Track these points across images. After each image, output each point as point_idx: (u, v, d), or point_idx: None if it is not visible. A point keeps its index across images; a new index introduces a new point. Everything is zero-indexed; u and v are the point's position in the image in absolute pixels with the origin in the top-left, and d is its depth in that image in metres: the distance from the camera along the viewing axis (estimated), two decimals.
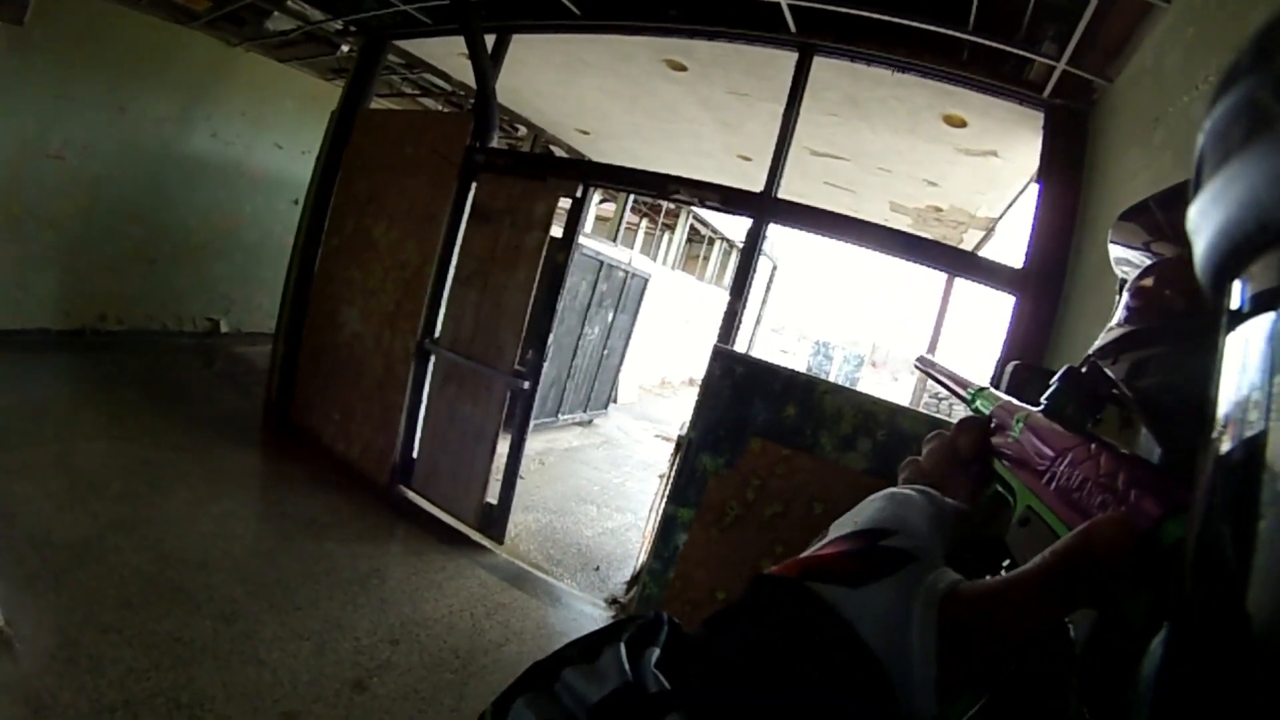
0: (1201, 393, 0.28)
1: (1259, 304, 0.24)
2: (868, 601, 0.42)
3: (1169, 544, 0.38)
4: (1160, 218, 0.67)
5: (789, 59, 4.67)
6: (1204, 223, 0.26)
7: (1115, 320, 0.65)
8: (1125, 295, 0.66)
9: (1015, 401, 0.69)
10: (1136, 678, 0.30)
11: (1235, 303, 0.25)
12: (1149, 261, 0.65)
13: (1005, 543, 0.57)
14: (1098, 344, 0.65)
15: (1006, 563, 0.55)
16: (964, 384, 0.85)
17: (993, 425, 0.68)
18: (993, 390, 0.77)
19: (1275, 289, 0.23)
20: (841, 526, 0.53)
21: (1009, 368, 2.54)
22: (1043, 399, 0.63)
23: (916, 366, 1.04)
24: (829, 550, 0.48)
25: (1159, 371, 0.59)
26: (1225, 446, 0.24)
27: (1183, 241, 0.57)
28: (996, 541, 0.58)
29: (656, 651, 0.41)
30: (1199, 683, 0.24)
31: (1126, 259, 0.70)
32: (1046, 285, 4.03)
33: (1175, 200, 0.62)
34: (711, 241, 19.78)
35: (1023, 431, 0.62)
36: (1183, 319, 0.57)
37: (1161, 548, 0.38)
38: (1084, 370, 0.62)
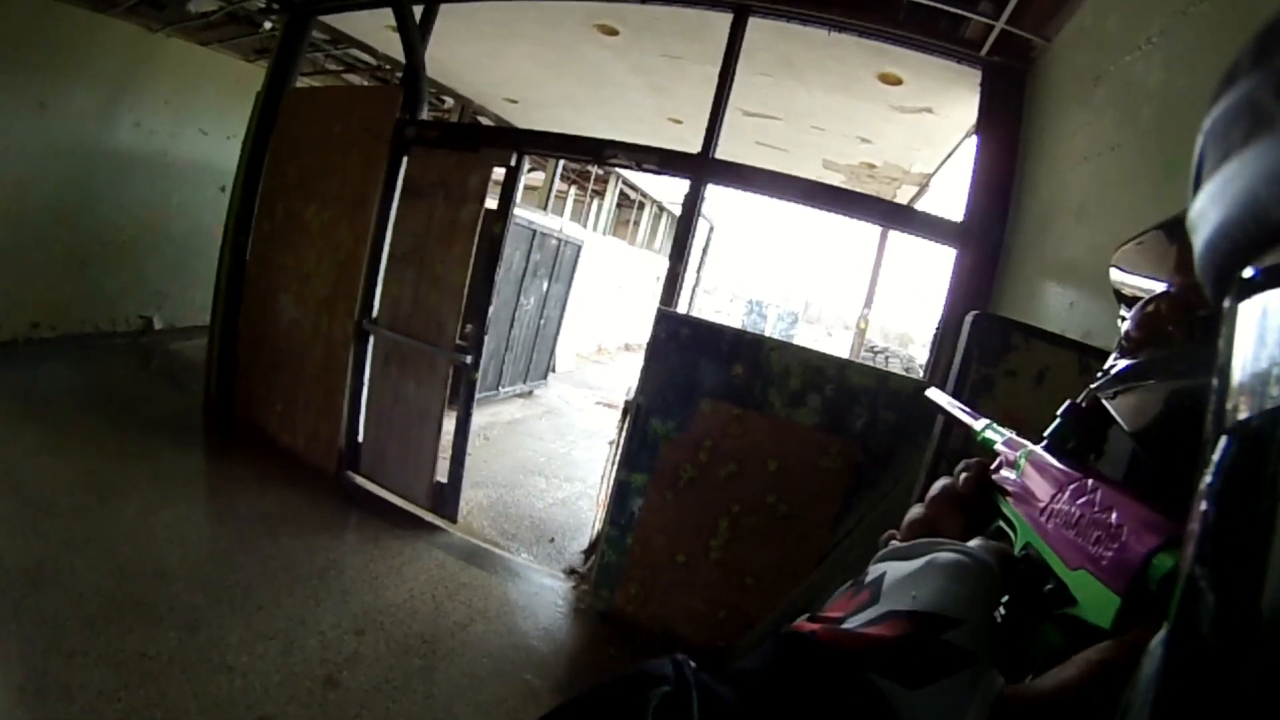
0: (1194, 423, 0.29)
1: (1270, 279, 0.24)
2: (924, 705, 0.41)
3: (1157, 579, 0.40)
4: (1167, 246, 0.66)
5: (723, 20, 4.65)
6: (1203, 221, 0.27)
7: (1115, 353, 0.66)
8: (1127, 324, 0.66)
9: (1017, 438, 0.70)
10: (1135, 678, 0.30)
11: (1249, 273, 0.25)
12: (1153, 290, 0.65)
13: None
14: (1099, 379, 0.66)
15: (1006, 598, 0.54)
16: (972, 418, 0.85)
17: (997, 462, 0.69)
18: (998, 426, 0.77)
19: None
20: (897, 595, 0.51)
21: (968, 318, 2.58)
22: (1045, 434, 0.65)
23: (926, 400, 1.03)
24: (885, 631, 0.47)
25: (1156, 404, 0.59)
26: (1242, 416, 0.24)
27: (1188, 273, 0.58)
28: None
29: None
30: (1201, 678, 0.24)
31: (1130, 285, 0.70)
32: (987, 237, 4.13)
33: (1177, 231, 0.62)
34: (641, 206, 19.69)
35: (1025, 467, 0.63)
36: (1182, 350, 0.57)
37: (1149, 585, 0.40)
38: (1084, 405, 0.64)
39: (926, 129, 6.09)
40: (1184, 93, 2.30)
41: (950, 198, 7.08)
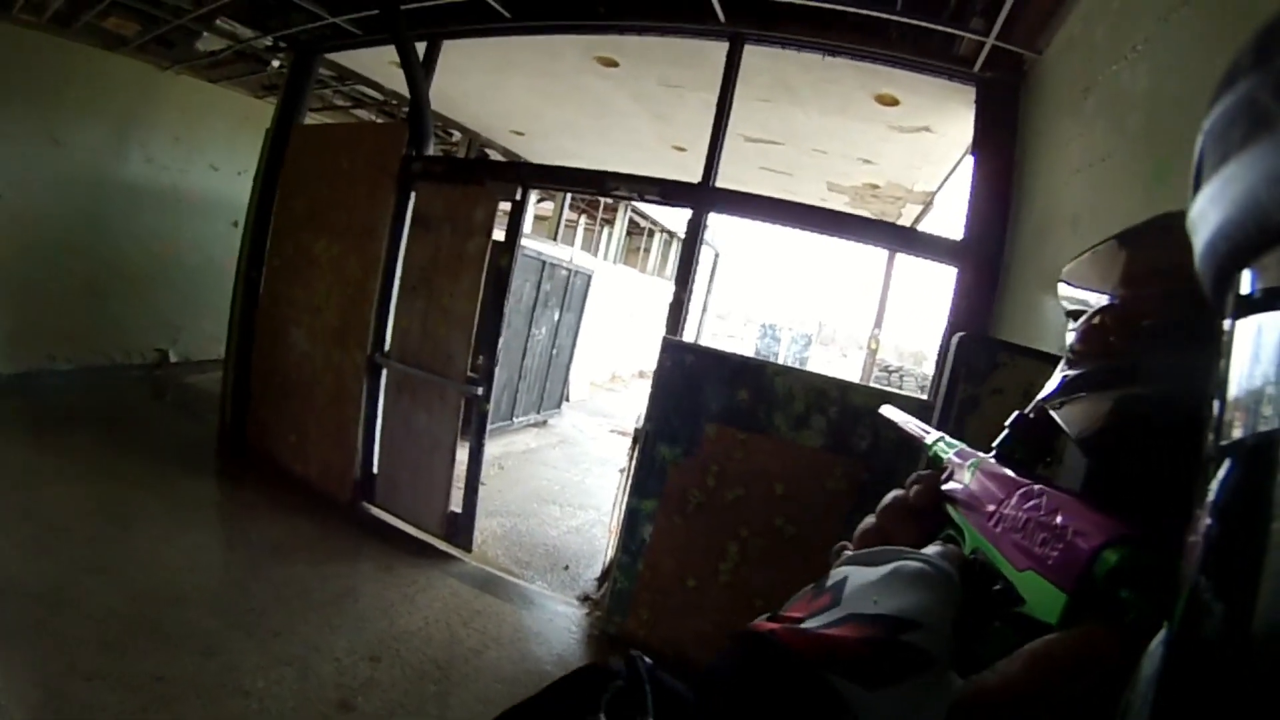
0: (1142, 431, 0.29)
1: (1269, 299, 0.24)
2: (884, 708, 0.41)
3: (1103, 574, 0.41)
4: (1115, 257, 0.67)
5: (720, 49, 4.71)
6: (1203, 222, 0.26)
7: (1062, 364, 0.67)
8: (1071, 338, 0.67)
9: (969, 449, 0.72)
10: (1134, 678, 0.30)
11: (1245, 289, 0.25)
12: (1099, 304, 0.66)
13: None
14: (1046, 389, 0.66)
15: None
16: (924, 432, 0.87)
17: (947, 473, 0.71)
18: (949, 439, 0.79)
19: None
20: (858, 600, 0.50)
21: (954, 339, 2.61)
22: (993, 445, 0.67)
23: (881, 415, 1.04)
24: (847, 633, 0.46)
25: (1100, 413, 0.60)
26: (1236, 435, 0.24)
27: (1132, 285, 0.62)
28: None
29: None
30: (1201, 682, 0.25)
31: (1077, 299, 0.70)
32: (986, 255, 4.14)
33: (1123, 245, 0.65)
34: (651, 233, 19.79)
35: (975, 477, 0.64)
36: (1125, 361, 0.58)
37: (1096, 581, 0.42)
38: (1032, 416, 0.66)
39: (926, 147, 6.11)
40: (1169, 99, 2.31)
41: (954, 215, 7.11)
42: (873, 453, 3.88)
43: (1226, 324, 0.26)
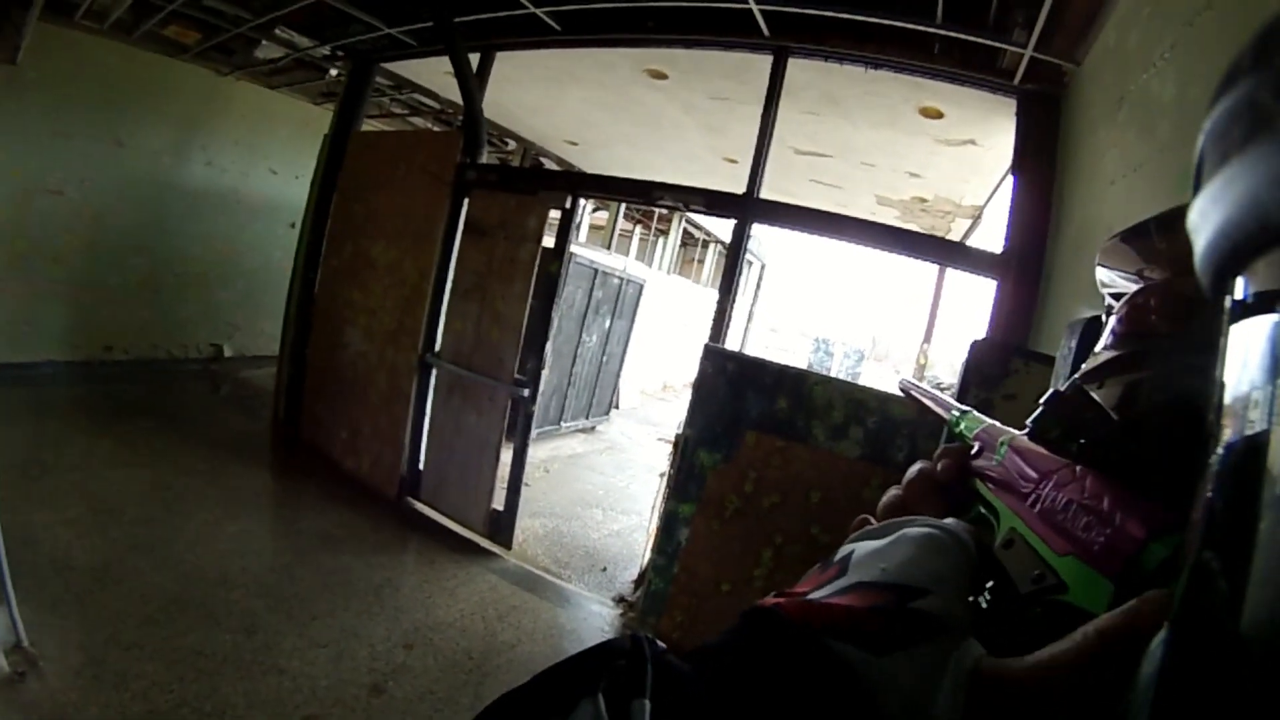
0: (1184, 416, 0.31)
1: (1261, 304, 0.24)
2: (892, 672, 0.39)
3: (1152, 566, 0.39)
4: (1150, 243, 0.66)
5: (765, 62, 4.78)
6: (1204, 222, 0.26)
7: (1102, 344, 0.63)
8: (1112, 319, 0.64)
9: (999, 425, 0.69)
10: (1135, 678, 0.29)
11: (1239, 293, 0.26)
12: (1137, 286, 0.64)
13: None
14: (1084, 368, 0.63)
15: (991, 584, 0.53)
16: (947, 407, 0.84)
17: (976, 448, 0.68)
18: (977, 414, 0.76)
19: (1277, 291, 0.24)
20: (866, 567, 0.48)
21: (970, 344, 2.61)
22: (1027, 422, 0.63)
23: (901, 390, 1.04)
24: (852, 601, 0.45)
25: (1141, 393, 0.57)
26: (1227, 439, 0.25)
27: (1170, 267, 0.61)
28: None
29: (648, 705, 0.38)
30: (1199, 683, 0.24)
31: (1114, 283, 0.69)
32: (1026, 267, 4.11)
33: (1164, 226, 0.65)
34: (706, 244, 19.69)
35: (1007, 454, 0.62)
36: (1168, 343, 0.56)
37: (1143, 571, 0.39)
38: (1069, 394, 0.62)
39: (972, 161, 6.07)
40: (1195, 105, 2.24)
41: (1000, 229, 7.05)
42: (910, 464, 3.85)
43: (1225, 324, 0.27)
